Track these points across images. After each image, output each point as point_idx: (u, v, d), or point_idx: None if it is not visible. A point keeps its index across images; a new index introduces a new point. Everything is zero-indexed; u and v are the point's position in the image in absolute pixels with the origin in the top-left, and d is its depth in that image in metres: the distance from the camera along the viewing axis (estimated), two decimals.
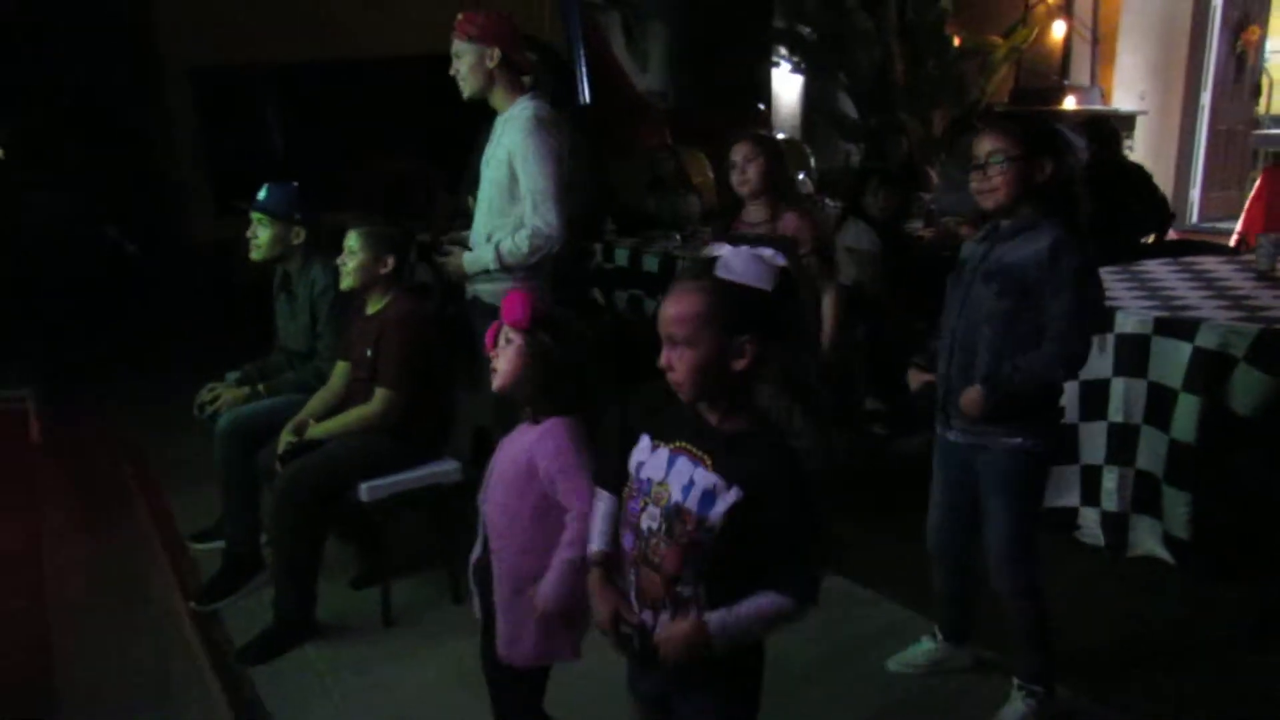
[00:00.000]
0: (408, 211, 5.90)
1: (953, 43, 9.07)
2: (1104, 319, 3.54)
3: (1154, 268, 4.47)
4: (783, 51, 10.33)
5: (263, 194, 3.87)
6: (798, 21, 9.69)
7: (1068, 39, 9.50)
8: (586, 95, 10.19)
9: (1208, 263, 4.53)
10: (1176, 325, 3.51)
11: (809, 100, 11.34)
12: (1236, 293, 3.91)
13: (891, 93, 8.96)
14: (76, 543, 4.38)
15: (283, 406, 3.73)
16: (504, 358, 2.23)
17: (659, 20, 11.70)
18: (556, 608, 2.13)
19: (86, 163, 8.58)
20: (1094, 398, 3.71)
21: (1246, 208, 7.37)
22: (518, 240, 3.47)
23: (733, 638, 1.73)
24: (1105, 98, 9.41)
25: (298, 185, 3.94)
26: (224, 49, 8.25)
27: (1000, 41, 8.96)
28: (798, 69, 10.45)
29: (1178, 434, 3.45)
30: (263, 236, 3.86)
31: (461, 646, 2.53)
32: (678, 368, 1.73)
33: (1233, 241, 6.85)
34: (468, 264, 3.59)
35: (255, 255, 3.90)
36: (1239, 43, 9.34)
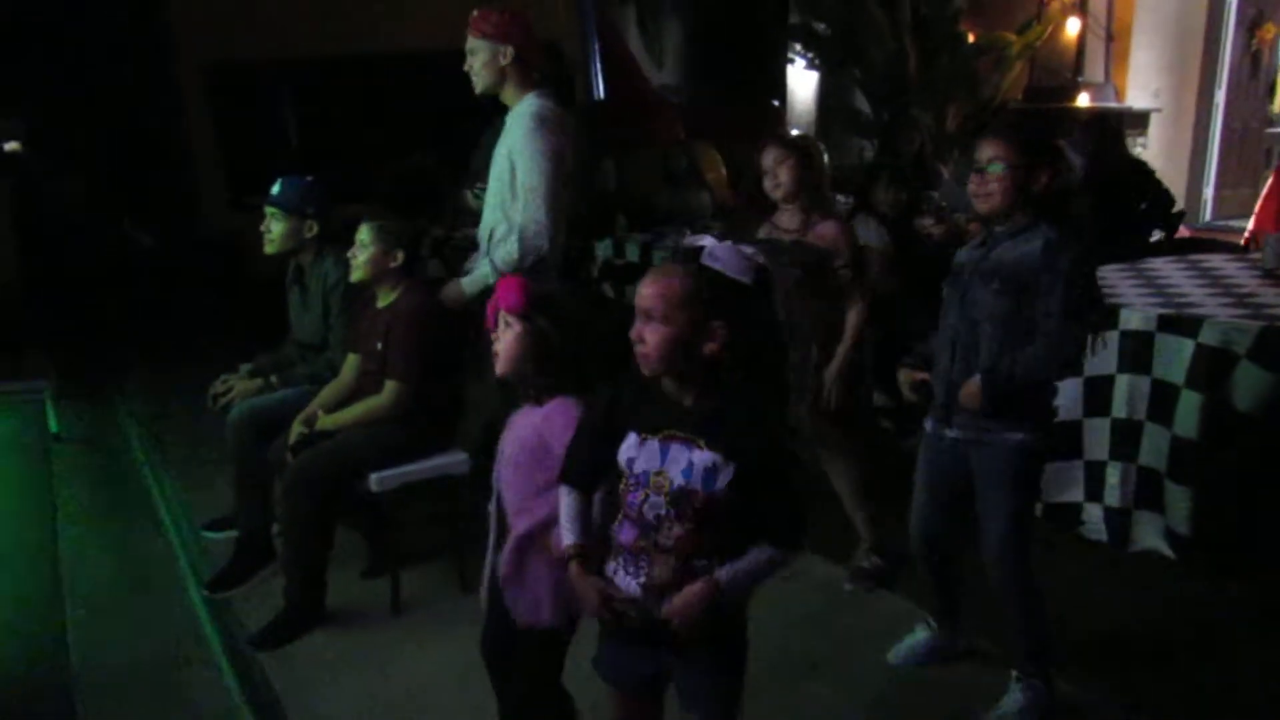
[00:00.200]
0: (420, 206, 5.93)
1: (967, 39, 9.04)
2: (1101, 318, 3.55)
3: (1161, 265, 4.48)
4: (797, 47, 10.32)
5: (276, 188, 3.91)
6: (812, 17, 9.68)
7: (1082, 36, 9.47)
8: (600, 90, 10.23)
9: (1215, 261, 4.54)
10: (1180, 322, 3.53)
11: (823, 96, 11.34)
12: (1241, 290, 3.93)
13: (905, 89, 8.94)
14: (92, 531, 4.44)
15: (294, 398, 3.78)
16: (503, 342, 2.27)
17: (674, 16, 11.72)
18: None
19: (103, 156, 8.65)
20: (1098, 394, 3.73)
21: (1258, 206, 7.34)
22: (508, 247, 3.51)
23: (738, 589, 1.87)
24: (1119, 95, 9.38)
25: (311, 180, 3.99)
26: (239, 44, 8.30)
27: (1014, 38, 8.92)
28: (812, 65, 10.44)
29: (1180, 430, 3.47)
30: (276, 230, 3.91)
31: (469, 635, 2.56)
32: (649, 341, 1.82)
33: (1244, 240, 6.83)
34: (468, 286, 3.61)
35: (269, 249, 3.94)
36: (1253, 41, 9.30)
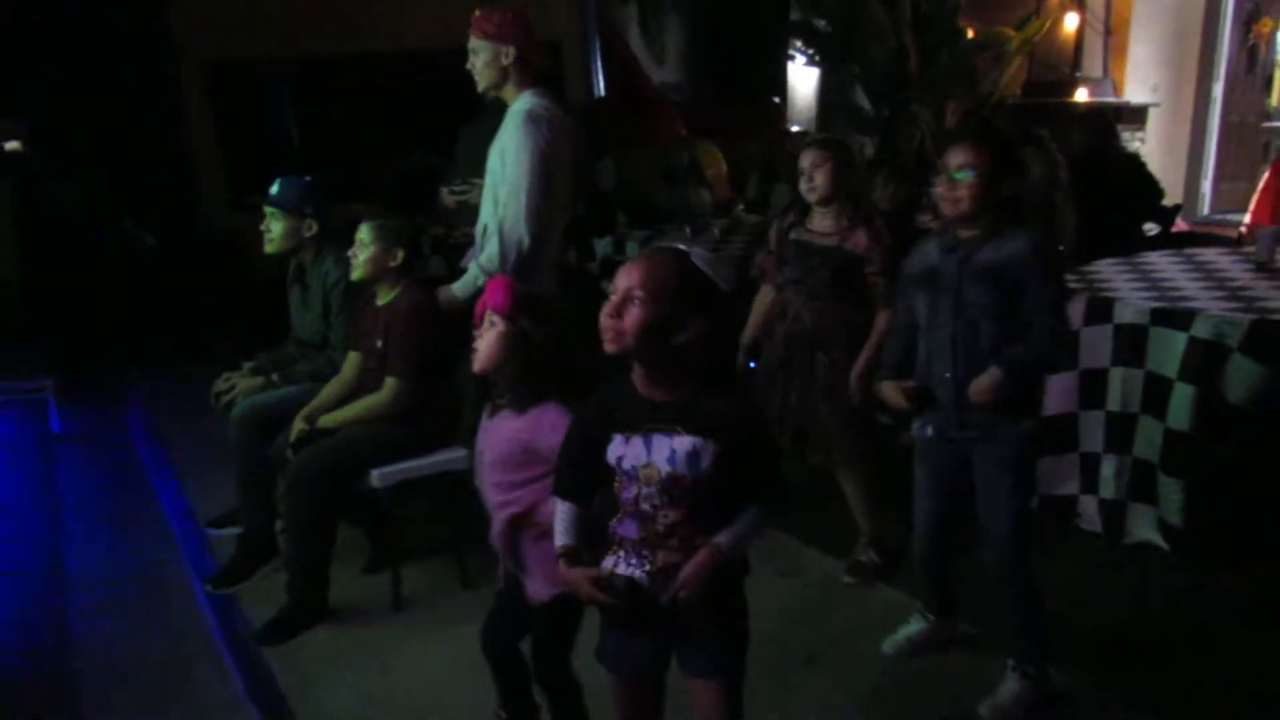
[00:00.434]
0: (421, 204, 5.96)
1: (966, 35, 9.04)
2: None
3: (1155, 259, 4.51)
4: (798, 44, 10.33)
5: (275, 188, 3.94)
6: (813, 14, 9.69)
7: (1080, 31, 9.47)
8: (601, 89, 10.25)
9: (1208, 254, 4.56)
10: (1173, 316, 3.55)
11: (824, 93, 11.35)
12: (1234, 284, 3.95)
13: (905, 85, 8.95)
14: (96, 528, 4.47)
15: (296, 395, 3.81)
16: (485, 340, 2.31)
17: (675, 14, 11.74)
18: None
19: (104, 156, 8.67)
20: (1093, 387, 3.76)
21: (1255, 199, 7.35)
22: (490, 247, 3.55)
23: (737, 547, 1.97)
24: (1117, 90, 9.38)
25: (310, 179, 4.02)
26: (240, 43, 8.33)
27: (1013, 34, 8.90)
28: (812, 61, 10.46)
29: (1173, 423, 3.49)
30: (276, 230, 3.94)
31: (470, 630, 2.61)
32: (628, 320, 1.88)
33: (1240, 234, 6.84)
34: (459, 291, 3.64)
35: (269, 248, 3.98)
36: (1250, 35, 9.29)
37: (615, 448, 1.96)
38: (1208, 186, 9.61)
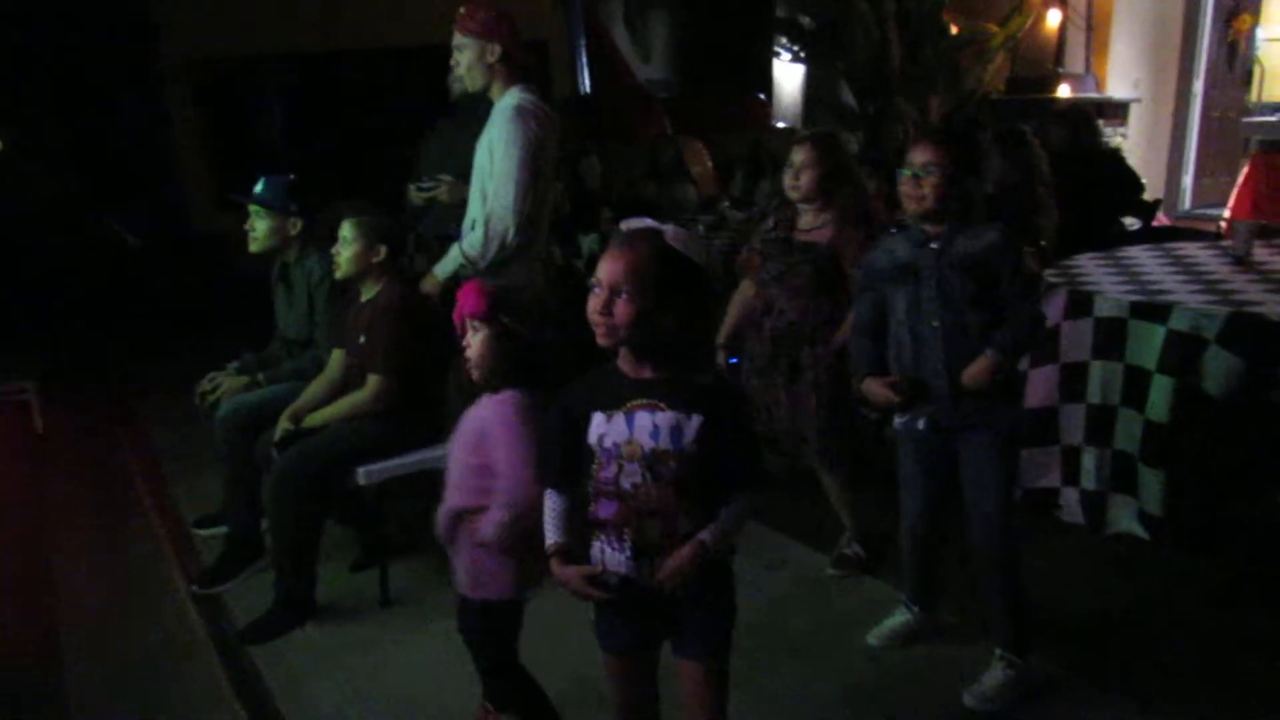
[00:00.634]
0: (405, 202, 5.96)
1: (949, 31, 9.09)
2: None
3: (1135, 253, 4.54)
4: (783, 41, 10.36)
5: (259, 187, 3.95)
6: (798, 11, 9.72)
7: (1062, 27, 9.52)
8: (587, 86, 10.27)
9: (1188, 248, 4.60)
10: (1151, 309, 3.58)
11: (809, 90, 11.39)
12: (1212, 277, 3.99)
13: (889, 81, 8.99)
14: (82, 530, 4.47)
15: (282, 394, 3.81)
16: (474, 347, 2.38)
17: (660, 11, 11.75)
18: (489, 549, 2.37)
19: (88, 155, 8.65)
20: (1073, 380, 3.79)
21: (1235, 194, 7.41)
22: (475, 234, 3.58)
23: (722, 542, 2.00)
24: (1099, 85, 9.43)
25: (293, 177, 4.03)
26: (224, 41, 8.32)
27: (996, 30, 8.96)
28: (797, 58, 10.49)
29: (1152, 414, 3.53)
30: (260, 229, 3.94)
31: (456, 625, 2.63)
32: (618, 314, 1.90)
33: (1220, 228, 6.89)
34: (440, 272, 3.67)
35: (253, 247, 3.98)
36: (1231, 31, 9.35)
37: (596, 426, 1.98)
38: (1189, 181, 9.67)
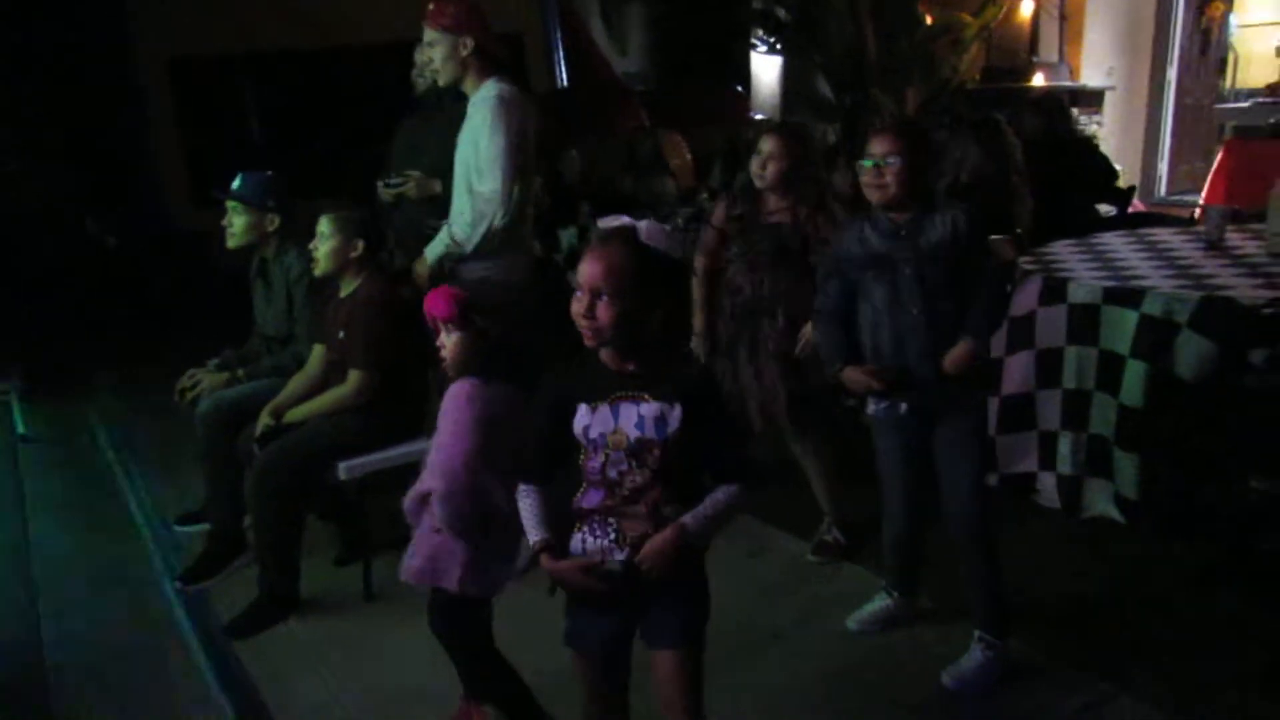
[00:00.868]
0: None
1: (924, 21, 9.13)
2: None
3: (1109, 240, 4.58)
4: (759, 33, 10.38)
5: (237, 183, 3.95)
6: (773, 2, 9.74)
7: (1036, 17, 9.60)
8: (564, 79, 10.27)
9: (1161, 234, 4.64)
10: (1124, 294, 3.62)
11: (787, 81, 11.41)
12: (1184, 262, 4.03)
13: (865, 72, 9.02)
14: (63, 529, 4.46)
15: (262, 390, 3.81)
16: (449, 348, 2.47)
17: (637, 2, 11.75)
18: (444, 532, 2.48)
19: (65, 154, 8.60)
20: (1049, 365, 3.83)
21: (1209, 181, 7.50)
22: (463, 221, 3.60)
23: (704, 531, 2.02)
24: (1073, 74, 9.51)
25: (272, 174, 4.03)
26: (202, 38, 8.29)
27: (970, 20, 9.01)
28: (773, 50, 10.52)
29: (1126, 399, 3.57)
30: (238, 224, 3.94)
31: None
32: (601, 316, 1.94)
33: (1196, 214, 6.95)
34: (430, 255, 3.69)
35: (231, 243, 3.98)
36: (1203, 19, 9.44)
37: (581, 418, 2.02)
38: (1164, 168, 9.76)
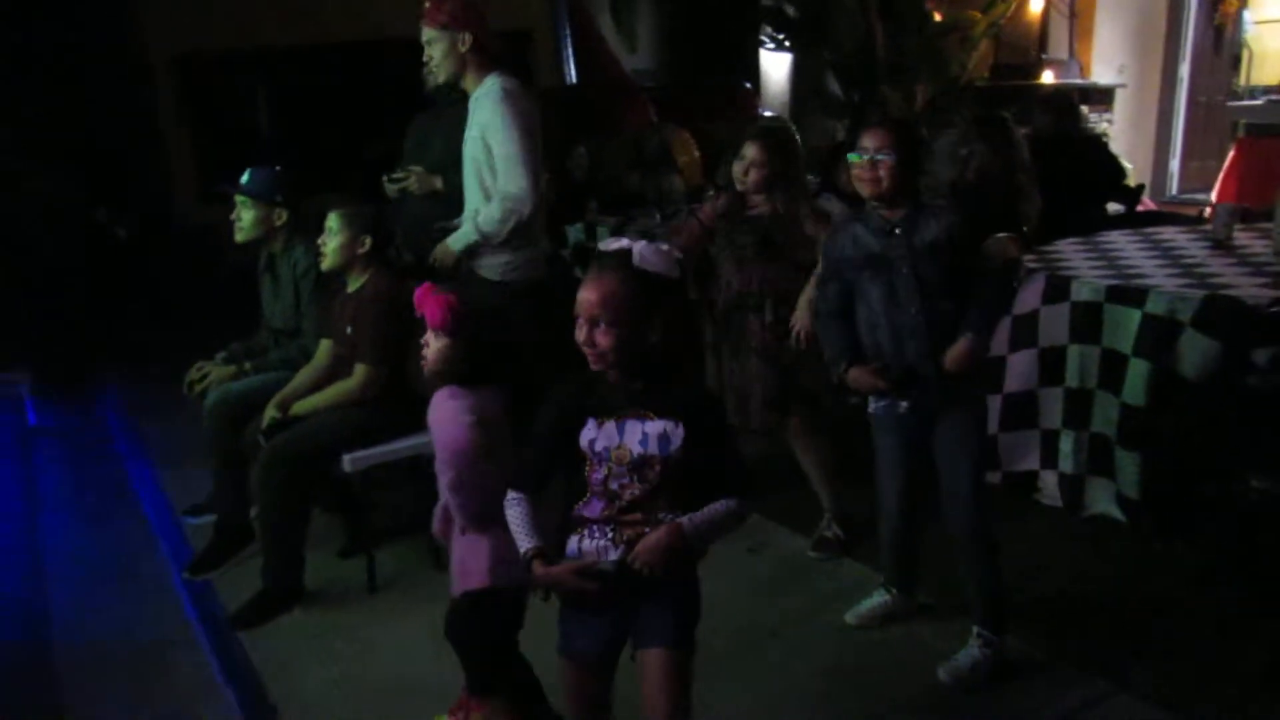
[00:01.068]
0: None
1: (933, 18, 9.11)
2: None
3: (1115, 238, 4.58)
4: (768, 30, 10.37)
5: (245, 178, 3.98)
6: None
7: (1045, 14, 9.56)
8: (572, 75, 10.27)
9: (1168, 233, 4.64)
10: (1127, 293, 3.62)
11: (797, 79, 11.41)
12: (1190, 261, 4.03)
13: (874, 69, 9.01)
14: (73, 519, 4.50)
15: (268, 383, 3.84)
16: (432, 352, 2.49)
17: (647, 0, 11.74)
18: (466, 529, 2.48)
19: (76, 149, 8.64)
20: (1051, 364, 3.83)
21: (1220, 179, 7.47)
22: (490, 210, 3.62)
23: (701, 536, 2.05)
24: (1083, 72, 9.46)
25: (279, 169, 4.05)
26: (209, 34, 8.32)
27: (979, 17, 8.98)
28: (781, 46, 10.50)
29: (1129, 398, 3.56)
30: (246, 219, 3.97)
31: (442, 610, 2.67)
32: (601, 343, 2.02)
33: (1207, 213, 6.93)
34: (454, 244, 3.72)
35: (239, 237, 4.01)
36: (1217, 15, 9.39)
37: (588, 431, 2.07)
38: (1175, 166, 9.72)
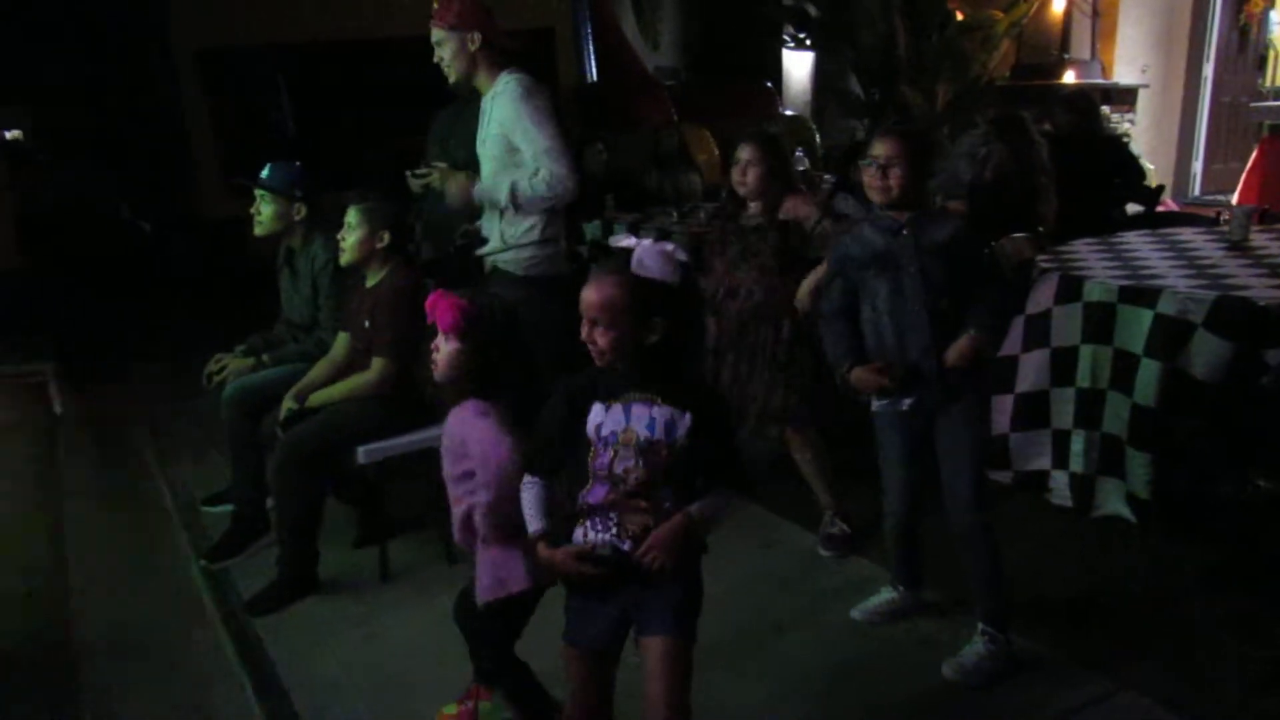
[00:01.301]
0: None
1: (955, 17, 9.09)
2: None
3: (1131, 239, 4.57)
4: (790, 29, 10.37)
5: (265, 172, 4.03)
6: None
7: (1067, 13, 9.51)
8: (593, 73, 10.30)
9: (1185, 234, 4.62)
10: (1140, 293, 3.62)
11: (818, 77, 11.42)
12: (1204, 262, 4.02)
13: (895, 69, 9.01)
14: (96, 507, 4.58)
15: (286, 376, 3.89)
16: (442, 357, 2.47)
17: None
18: (491, 541, 2.44)
19: (102, 144, 8.75)
20: (1063, 364, 3.83)
21: (1243, 180, 7.42)
22: (534, 182, 3.62)
23: (706, 524, 2.13)
24: (1106, 72, 9.41)
25: (300, 163, 4.10)
26: (233, 30, 8.40)
27: (1001, 16, 8.96)
28: (801, 45, 10.51)
29: (1140, 398, 3.57)
30: (265, 213, 4.03)
31: (453, 601, 2.72)
32: (600, 342, 2.11)
33: (1223, 214, 6.89)
34: (478, 194, 3.73)
35: (258, 230, 4.07)
36: (1242, 15, 9.32)
37: (595, 415, 2.12)
38: (1198, 167, 9.66)
